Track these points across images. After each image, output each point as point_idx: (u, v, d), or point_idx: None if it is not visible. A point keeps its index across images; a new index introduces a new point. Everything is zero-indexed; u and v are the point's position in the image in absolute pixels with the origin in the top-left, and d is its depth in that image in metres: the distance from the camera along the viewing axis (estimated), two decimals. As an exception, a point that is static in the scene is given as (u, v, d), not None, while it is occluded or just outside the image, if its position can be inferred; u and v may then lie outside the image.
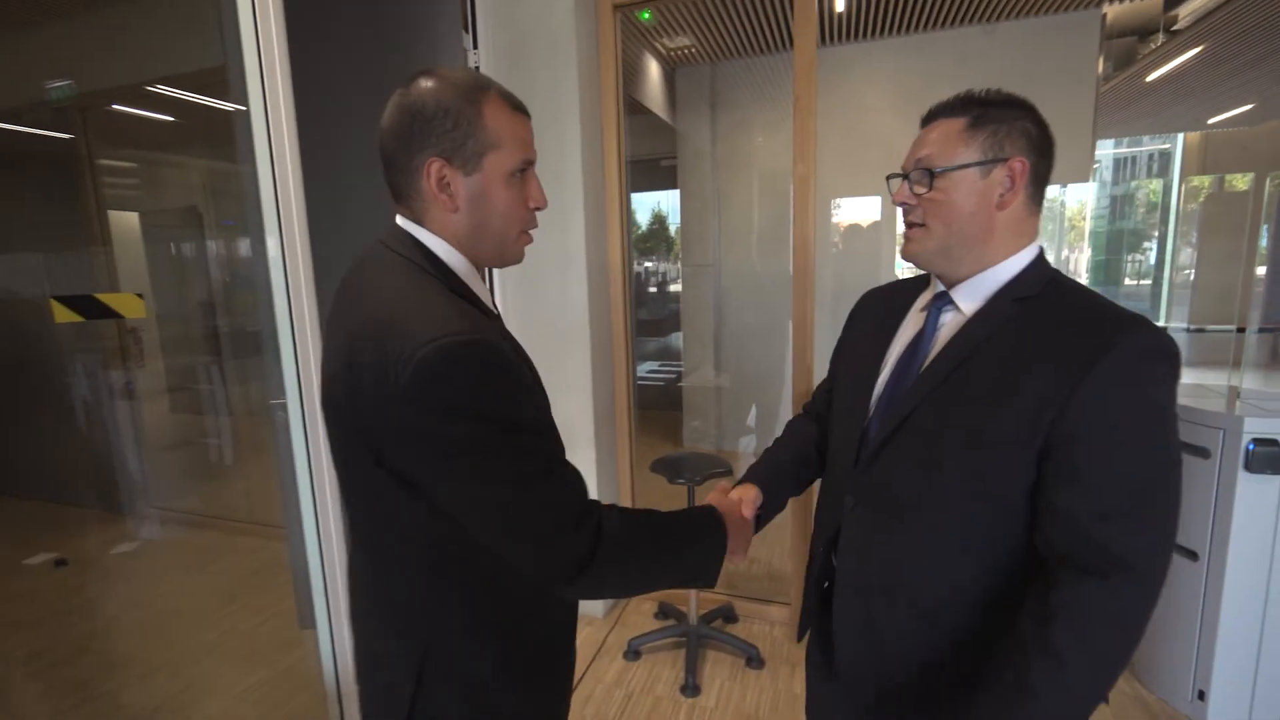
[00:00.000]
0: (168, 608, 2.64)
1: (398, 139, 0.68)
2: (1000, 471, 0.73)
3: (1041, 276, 0.78)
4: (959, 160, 0.76)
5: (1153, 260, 9.30)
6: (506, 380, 0.65)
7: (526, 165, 0.73)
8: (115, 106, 2.95)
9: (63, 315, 1.17)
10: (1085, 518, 0.68)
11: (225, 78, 2.02)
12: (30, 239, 3.07)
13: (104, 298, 1.27)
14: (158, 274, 3.57)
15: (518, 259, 0.78)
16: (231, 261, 3.56)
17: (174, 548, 3.17)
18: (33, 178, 3.09)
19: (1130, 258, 9.99)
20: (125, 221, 3.30)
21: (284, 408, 1.48)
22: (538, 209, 0.76)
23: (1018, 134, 0.76)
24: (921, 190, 0.79)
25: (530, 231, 0.78)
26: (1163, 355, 0.68)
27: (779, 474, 1.04)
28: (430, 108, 0.67)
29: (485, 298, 0.76)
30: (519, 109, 0.73)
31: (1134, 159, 10.26)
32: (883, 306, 0.96)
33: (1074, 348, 0.69)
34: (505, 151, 0.70)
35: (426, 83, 0.68)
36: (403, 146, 0.68)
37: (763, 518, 1.01)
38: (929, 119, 0.82)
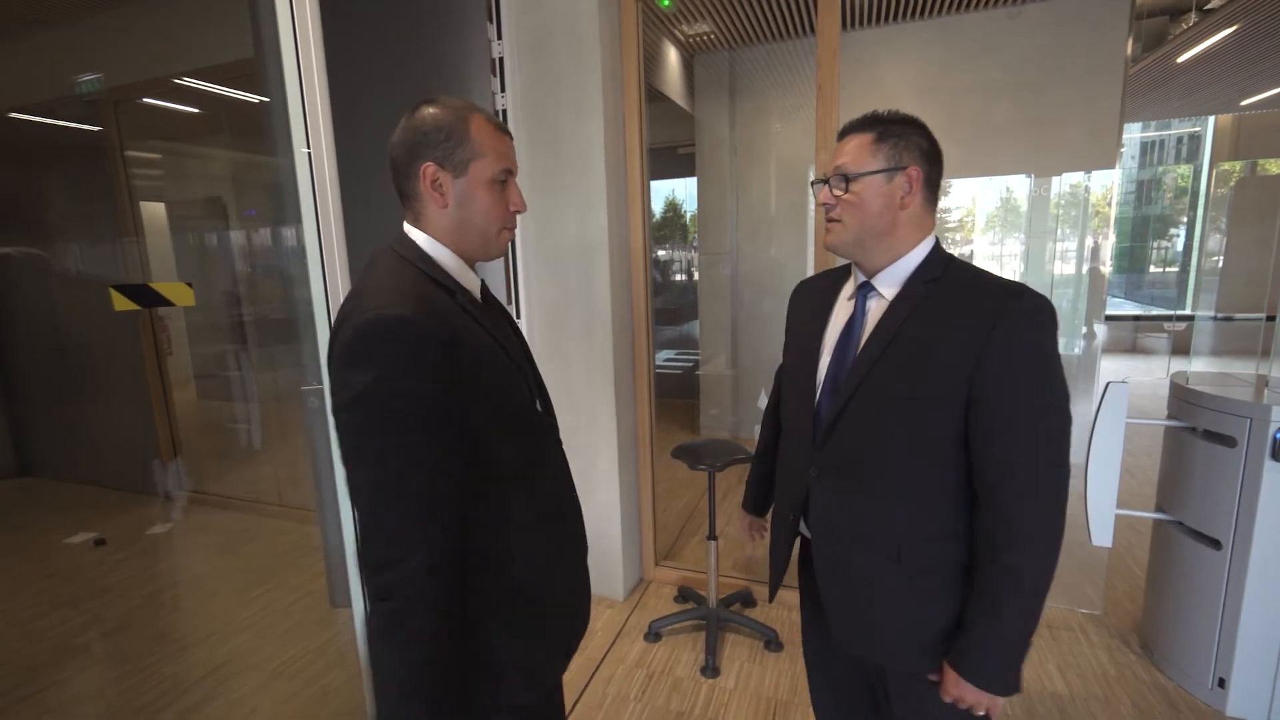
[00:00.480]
0: (204, 586, 2.73)
1: (403, 150, 0.84)
2: (934, 427, 0.89)
3: (941, 261, 0.95)
4: (869, 168, 0.93)
5: (1179, 247, 9.10)
6: (413, 362, 0.73)
7: (507, 174, 0.87)
8: (145, 100, 3.00)
9: (121, 304, 1.23)
10: (1005, 457, 0.86)
11: (253, 70, 2.06)
12: (67, 229, 3.15)
13: (157, 286, 1.32)
14: (184, 264, 3.65)
15: (500, 253, 0.93)
16: (253, 252, 3.63)
17: (206, 529, 3.27)
18: (67, 170, 3.17)
19: (1156, 244, 9.78)
20: (151, 212, 3.37)
21: (319, 394, 1.52)
22: (517, 212, 0.90)
23: (913, 147, 0.92)
24: (839, 192, 0.95)
25: (509, 229, 0.91)
26: (1042, 313, 0.85)
27: (766, 489, 1.35)
28: (429, 124, 0.83)
29: (472, 287, 0.90)
30: (501, 129, 0.88)
31: (1162, 142, 10.01)
32: (814, 296, 1.11)
33: (973, 317, 0.87)
34: (488, 160, 0.85)
35: (428, 108, 0.84)
36: (405, 155, 0.84)
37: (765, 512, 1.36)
38: (844, 134, 0.98)
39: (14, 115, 2.98)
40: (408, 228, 0.88)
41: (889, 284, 0.96)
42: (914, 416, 0.90)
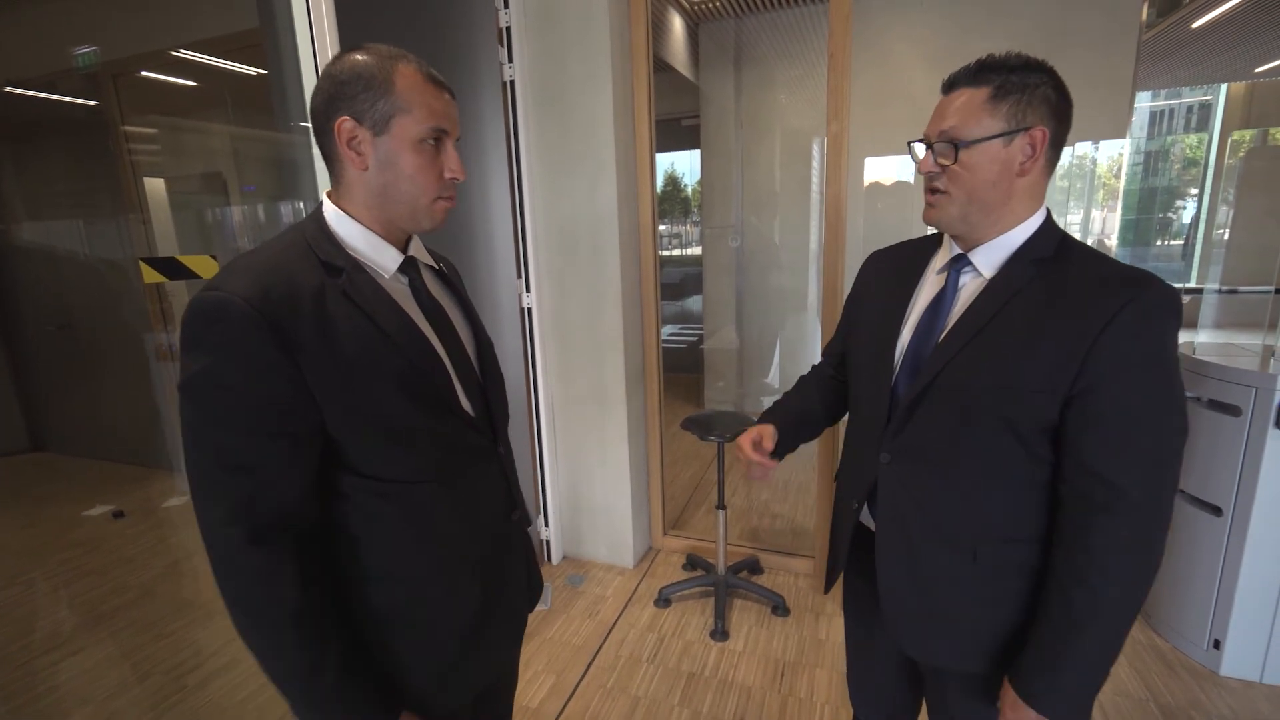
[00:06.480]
0: (222, 557, 2.79)
1: (321, 104, 0.73)
2: (1028, 417, 0.79)
3: (1052, 238, 0.82)
4: (984, 132, 0.77)
5: (1186, 219, 9.01)
6: (239, 352, 0.65)
7: (439, 134, 0.75)
8: (144, 74, 2.96)
9: (150, 276, 1.25)
10: (1106, 461, 0.75)
11: (255, 41, 2.03)
12: (69, 206, 3.14)
13: (183, 259, 1.33)
14: (185, 239, 3.65)
15: (434, 225, 0.79)
16: (253, 227, 3.61)
17: (221, 502, 3.32)
18: (69, 145, 3.14)
19: (1161, 217, 9.69)
20: (151, 187, 3.36)
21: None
22: (454, 179, 0.78)
23: (1039, 101, 0.77)
24: (946, 161, 0.81)
25: (446, 198, 0.79)
26: (1171, 309, 0.74)
27: (795, 421, 1.11)
28: (347, 74, 0.72)
29: (383, 265, 0.78)
30: (436, 83, 0.75)
31: (1172, 112, 9.84)
32: (892, 267, 1.00)
33: (1093, 305, 0.74)
34: (413, 117, 0.73)
35: (350, 55, 0.73)
36: (322, 110, 0.73)
37: (778, 453, 1.08)
38: (950, 86, 0.82)
39: (10, 90, 2.95)
40: (323, 196, 0.79)
41: (988, 261, 0.84)
42: (1006, 405, 0.79)
